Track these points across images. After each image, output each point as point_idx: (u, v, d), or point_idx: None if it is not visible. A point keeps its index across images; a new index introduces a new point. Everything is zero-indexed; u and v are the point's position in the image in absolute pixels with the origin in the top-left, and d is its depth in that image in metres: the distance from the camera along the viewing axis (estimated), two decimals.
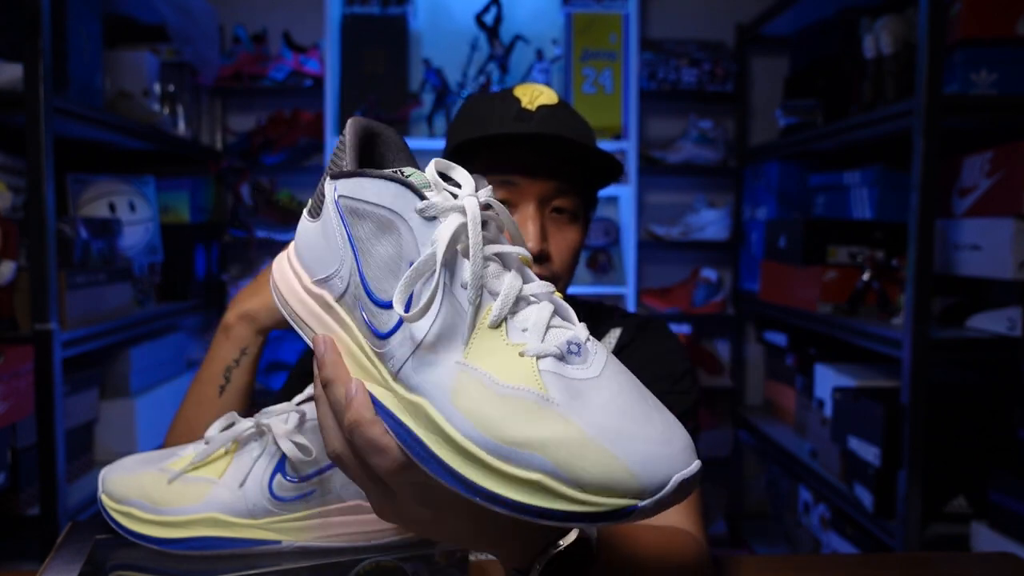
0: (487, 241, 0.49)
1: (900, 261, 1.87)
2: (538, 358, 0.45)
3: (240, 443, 0.67)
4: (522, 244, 0.51)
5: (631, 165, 2.56)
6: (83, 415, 1.76)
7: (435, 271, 0.46)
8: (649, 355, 0.96)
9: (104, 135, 1.83)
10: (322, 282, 0.53)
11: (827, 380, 2.02)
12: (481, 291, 0.47)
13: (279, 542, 0.65)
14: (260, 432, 0.67)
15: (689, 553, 0.74)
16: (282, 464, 0.65)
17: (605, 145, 2.60)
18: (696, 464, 0.44)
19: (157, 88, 2.15)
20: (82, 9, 1.72)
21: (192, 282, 2.24)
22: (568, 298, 1.02)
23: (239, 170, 2.60)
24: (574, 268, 0.94)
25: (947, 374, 1.76)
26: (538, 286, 0.49)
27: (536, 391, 0.44)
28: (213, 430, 0.68)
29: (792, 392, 2.38)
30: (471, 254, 0.47)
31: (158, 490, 0.66)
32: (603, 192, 1.03)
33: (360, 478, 0.51)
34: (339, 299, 0.52)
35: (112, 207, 1.94)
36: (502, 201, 0.89)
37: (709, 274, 2.66)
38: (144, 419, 1.89)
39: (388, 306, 0.49)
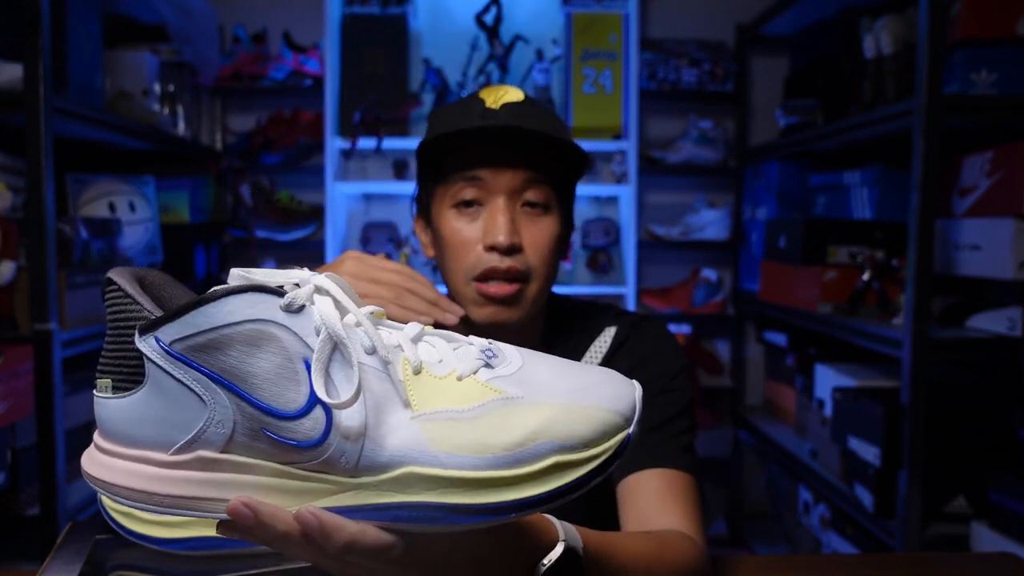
0: (341, 312, 0.49)
1: (900, 261, 1.87)
2: (474, 373, 0.48)
3: None
4: (352, 296, 0.50)
5: (631, 165, 2.56)
6: (83, 415, 1.76)
7: (346, 353, 0.46)
8: (645, 353, 0.95)
9: (104, 135, 1.83)
10: (188, 445, 0.45)
11: (827, 380, 2.02)
12: (381, 351, 0.47)
13: None
14: None
15: (684, 558, 0.74)
16: None
17: (605, 145, 2.60)
18: (637, 386, 0.49)
19: (157, 88, 2.15)
20: (82, 9, 1.72)
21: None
22: (559, 298, 1.02)
23: (239, 170, 2.60)
24: (554, 261, 0.92)
25: (947, 374, 1.76)
26: (413, 327, 0.51)
27: (497, 397, 0.46)
28: None
29: (792, 392, 2.38)
30: (357, 320, 0.48)
31: None
32: (603, 192, 1.03)
33: None
34: (225, 447, 0.46)
35: (112, 207, 1.94)
36: (471, 201, 0.89)
37: (709, 274, 2.67)
38: None
39: (304, 412, 0.45)
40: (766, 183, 2.58)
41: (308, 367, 0.45)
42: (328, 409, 0.45)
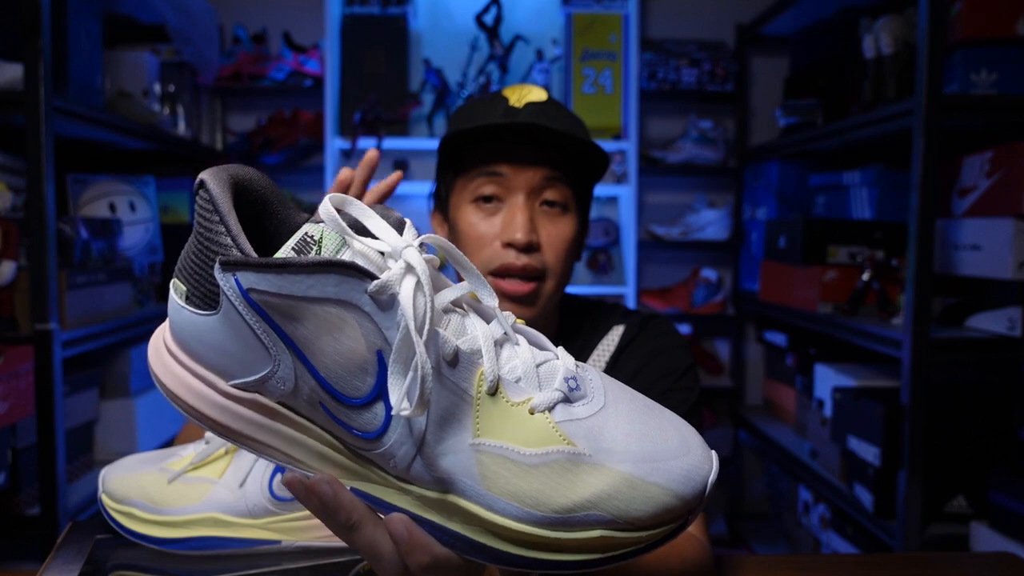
0: (435, 288, 0.44)
1: (900, 261, 1.87)
2: (549, 410, 0.43)
3: None
4: (470, 270, 0.46)
5: (631, 165, 2.56)
6: (83, 415, 1.76)
7: (416, 356, 0.41)
8: (652, 352, 0.96)
9: (104, 135, 1.82)
10: (250, 385, 0.44)
11: (827, 380, 2.02)
12: (461, 358, 0.43)
13: (279, 542, 0.65)
14: None
15: (688, 553, 0.74)
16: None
17: (605, 145, 2.60)
18: (715, 459, 0.45)
19: (157, 88, 2.15)
20: (82, 9, 1.72)
21: None
22: (568, 296, 1.02)
23: None
24: (569, 261, 0.93)
25: (947, 374, 1.76)
26: (503, 317, 0.46)
27: (564, 448, 0.42)
28: None
29: (792, 392, 2.38)
30: (444, 307, 0.43)
31: (158, 490, 0.66)
32: (603, 192, 1.04)
33: None
34: (285, 400, 0.44)
35: (112, 207, 1.94)
36: (491, 197, 0.89)
37: (709, 274, 2.67)
38: (144, 419, 1.89)
39: (365, 402, 0.43)
40: (766, 183, 2.58)
41: (382, 361, 0.42)
42: (390, 408, 0.42)
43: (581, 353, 0.98)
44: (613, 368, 0.97)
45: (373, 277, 0.41)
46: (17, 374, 1.46)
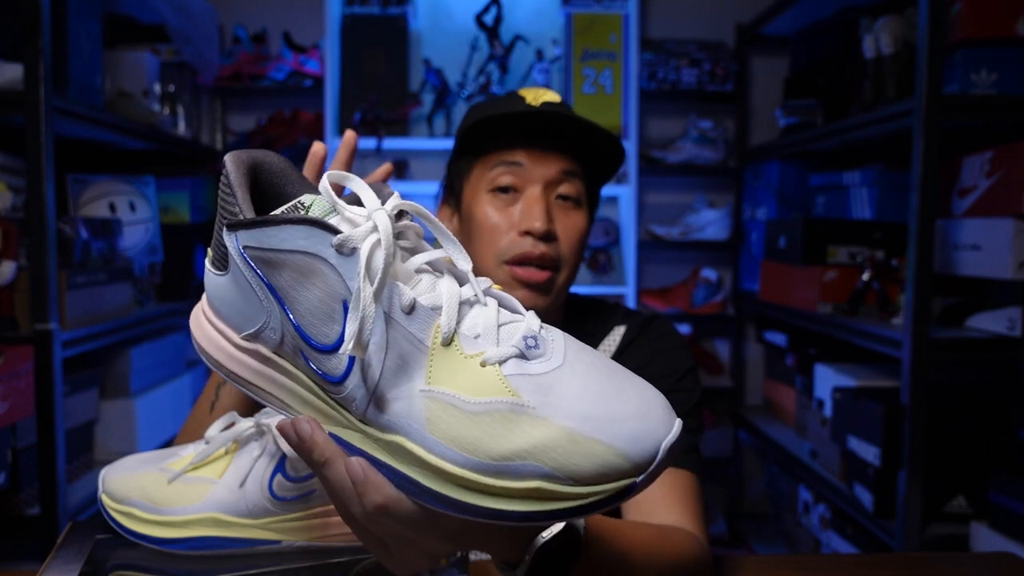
0: (409, 252, 0.48)
1: (900, 261, 1.87)
2: (500, 363, 0.45)
3: (240, 443, 0.67)
4: (447, 238, 0.49)
5: (631, 165, 2.56)
6: (83, 415, 1.76)
7: (367, 305, 0.44)
8: (653, 353, 0.96)
9: (104, 135, 1.83)
10: (252, 336, 0.50)
11: (827, 380, 2.02)
12: (419, 310, 0.46)
13: (279, 542, 0.65)
14: (260, 432, 0.67)
15: (686, 551, 0.74)
16: (282, 464, 0.64)
17: None
18: (677, 425, 0.45)
19: (157, 88, 2.15)
20: (82, 9, 1.72)
21: (192, 282, 2.24)
22: (571, 295, 1.03)
23: None
24: (580, 253, 0.95)
25: (947, 374, 1.76)
26: (477, 283, 0.48)
27: (507, 399, 0.44)
28: (213, 430, 0.68)
29: (792, 392, 2.38)
30: (410, 270, 0.47)
31: (158, 490, 0.66)
32: (603, 192, 1.04)
33: (373, 538, 0.50)
34: (276, 350, 0.49)
35: (112, 207, 1.94)
36: (508, 188, 0.91)
37: (709, 274, 2.67)
38: (144, 419, 1.89)
39: (332, 349, 0.47)
40: (766, 183, 2.58)
41: (346, 309, 0.46)
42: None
43: None
44: None
45: (336, 231, 0.45)
46: (17, 374, 1.46)
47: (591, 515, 0.44)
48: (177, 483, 0.66)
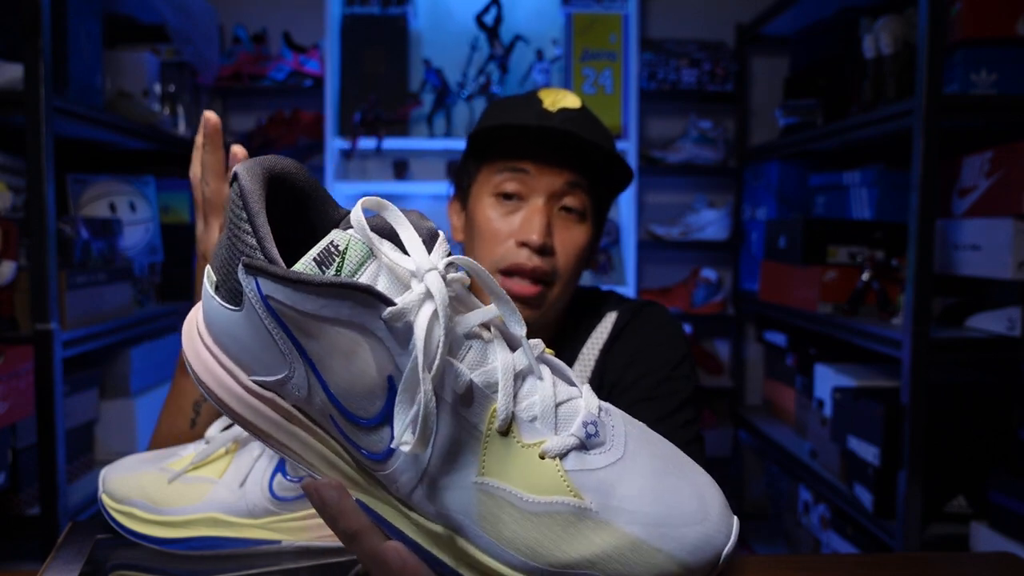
0: (458, 311, 0.43)
1: (900, 261, 1.87)
2: (562, 457, 0.42)
3: (240, 443, 0.67)
4: (499, 296, 0.44)
5: (631, 165, 2.56)
6: (83, 415, 1.76)
7: (421, 388, 0.39)
8: (646, 341, 0.95)
9: (104, 135, 1.82)
10: (268, 385, 0.44)
11: (827, 380, 2.02)
12: (475, 393, 0.41)
13: (279, 542, 0.65)
14: None
15: None
16: (282, 464, 0.64)
17: None
18: (735, 529, 0.42)
19: (157, 88, 2.15)
20: (82, 9, 1.72)
21: (192, 282, 2.24)
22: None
23: None
24: (578, 268, 0.94)
25: (947, 374, 1.76)
26: (529, 346, 0.44)
27: (570, 501, 0.41)
28: (213, 430, 0.68)
29: (792, 392, 2.38)
30: (464, 334, 0.42)
31: (158, 490, 0.66)
32: None
33: None
34: (299, 405, 0.44)
35: (112, 207, 1.94)
36: (512, 194, 0.90)
37: (709, 274, 2.67)
38: (144, 419, 1.89)
39: (372, 424, 0.42)
40: (766, 183, 2.58)
41: (392, 386, 0.41)
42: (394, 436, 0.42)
43: (575, 341, 0.98)
44: (607, 356, 0.96)
45: (389, 303, 0.40)
46: (17, 374, 1.46)
47: None
48: (177, 483, 0.66)
